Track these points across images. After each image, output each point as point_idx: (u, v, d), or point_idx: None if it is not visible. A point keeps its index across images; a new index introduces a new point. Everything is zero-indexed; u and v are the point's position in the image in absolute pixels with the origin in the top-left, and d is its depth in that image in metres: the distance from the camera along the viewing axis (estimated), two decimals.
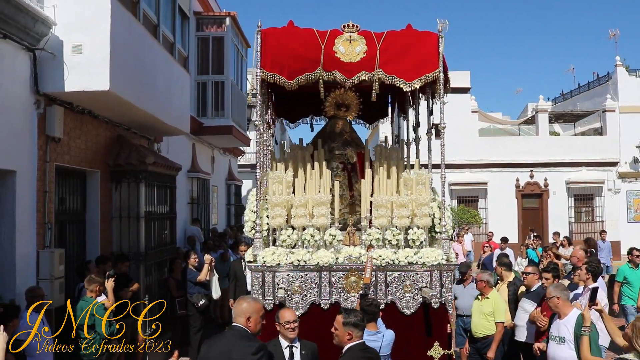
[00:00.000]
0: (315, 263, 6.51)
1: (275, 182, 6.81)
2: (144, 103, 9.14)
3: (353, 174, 8.00)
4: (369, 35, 6.71)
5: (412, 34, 6.90)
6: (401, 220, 6.69)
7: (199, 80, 14.71)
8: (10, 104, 7.03)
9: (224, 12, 15.60)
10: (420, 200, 6.74)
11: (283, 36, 6.70)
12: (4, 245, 7.11)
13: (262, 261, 6.52)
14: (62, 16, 7.60)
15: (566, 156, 25.97)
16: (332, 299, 6.56)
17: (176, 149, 13.17)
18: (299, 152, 7.79)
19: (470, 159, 25.40)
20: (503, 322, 7.69)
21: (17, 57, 7.18)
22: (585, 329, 5.46)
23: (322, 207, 6.63)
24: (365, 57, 6.63)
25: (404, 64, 6.69)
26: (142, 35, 9.29)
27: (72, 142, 8.47)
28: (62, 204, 8.53)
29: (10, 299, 6.84)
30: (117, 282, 8.08)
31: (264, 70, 6.59)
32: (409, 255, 6.59)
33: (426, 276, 6.63)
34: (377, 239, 6.71)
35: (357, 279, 6.55)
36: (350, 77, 6.66)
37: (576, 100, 31.47)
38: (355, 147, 8.25)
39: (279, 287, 6.53)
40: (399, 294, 6.62)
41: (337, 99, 8.14)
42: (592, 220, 26.50)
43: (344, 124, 8.40)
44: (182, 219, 13.34)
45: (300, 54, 6.62)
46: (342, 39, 6.65)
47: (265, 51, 6.59)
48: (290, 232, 6.68)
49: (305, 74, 6.60)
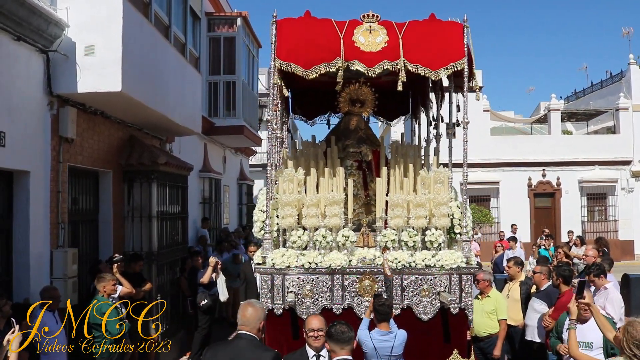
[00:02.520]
0: (327, 265, 6.22)
1: (286, 181, 6.52)
2: (155, 104, 9.19)
3: (368, 173, 7.75)
4: (389, 25, 6.40)
5: (436, 24, 6.57)
6: (418, 221, 6.38)
7: (211, 81, 14.77)
8: (24, 105, 7.11)
9: (236, 12, 15.65)
10: (439, 199, 6.41)
11: (299, 26, 6.41)
12: (18, 245, 7.18)
13: (271, 263, 6.25)
14: (75, 18, 7.66)
15: (579, 155, 25.77)
16: (345, 303, 6.27)
17: (188, 149, 13.23)
18: (312, 149, 7.53)
19: (482, 158, 25.26)
20: (506, 319, 7.58)
21: (30, 59, 7.25)
22: (571, 322, 5.43)
23: (335, 207, 6.34)
24: (387, 46, 6.26)
25: (428, 52, 6.32)
26: (153, 36, 9.35)
27: (84, 142, 8.53)
28: (75, 204, 8.60)
29: (25, 298, 6.92)
30: (131, 282, 8.14)
31: (279, 60, 6.23)
32: (427, 258, 6.29)
33: (445, 280, 6.29)
34: (392, 240, 6.39)
35: (371, 283, 6.27)
36: (371, 67, 6.24)
37: (589, 98, 31.24)
38: (370, 144, 7.99)
39: (289, 290, 6.23)
40: (415, 299, 6.30)
41: (351, 95, 7.89)
42: (605, 220, 26.31)
43: (359, 121, 8.11)
44: (193, 218, 13.40)
45: (318, 44, 6.27)
46: (362, 29, 6.33)
47: (281, 41, 6.26)
48: (301, 233, 6.38)
49: (324, 63, 6.21)
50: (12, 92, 6.87)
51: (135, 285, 8.30)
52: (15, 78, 6.94)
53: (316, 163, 6.97)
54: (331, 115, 9.06)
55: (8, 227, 7.15)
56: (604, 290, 7.18)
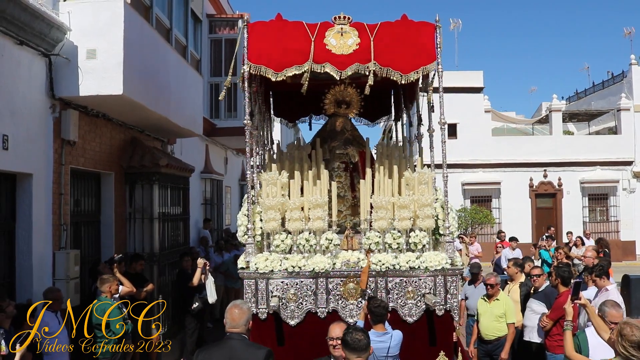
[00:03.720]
0: (310, 269, 6.16)
1: (269, 184, 6.44)
2: (157, 106, 9.27)
3: (355, 174, 7.73)
4: (361, 27, 6.35)
5: (408, 25, 6.49)
6: (402, 223, 6.31)
7: (212, 82, 14.81)
8: (26, 109, 7.19)
9: (237, 14, 15.72)
10: (423, 200, 6.33)
11: (270, 29, 6.40)
12: (20, 246, 7.26)
13: (254, 268, 6.18)
14: (77, 22, 7.74)
15: (580, 155, 25.80)
16: (329, 307, 6.22)
17: (189, 150, 13.30)
18: (296, 152, 7.47)
19: (484, 158, 25.36)
20: (514, 323, 7.66)
21: (33, 63, 7.33)
22: (567, 323, 5.47)
23: (319, 210, 6.25)
24: (358, 49, 6.24)
25: (399, 55, 6.28)
26: (155, 39, 9.42)
27: (86, 145, 8.61)
28: (77, 206, 8.68)
29: (27, 298, 6.99)
30: (133, 282, 8.19)
31: (250, 62, 6.24)
32: (411, 260, 6.22)
33: (429, 282, 6.25)
34: (376, 242, 6.30)
35: (356, 286, 6.21)
36: (342, 69, 6.24)
37: (590, 99, 31.27)
38: (357, 145, 7.96)
39: (273, 295, 6.19)
40: (400, 301, 6.25)
41: (336, 96, 7.86)
42: (606, 220, 26.32)
43: (345, 122, 8.08)
44: (195, 219, 13.47)
45: (289, 47, 6.28)
46: (333, 31, 6.30)
47: (252, 44, 6.27)
48: (284, 237, 6.28)
49: (295, 66, 6.22)
50: (15, 96, 6.95)
51: (137, 286, 8.34)
52: (18, 81, 7.02)
53: (300, 166, 6.91)
54: (312, 118, 9.03)
55: (11, 229, 7.23)
56: (605, 292, 7.22)
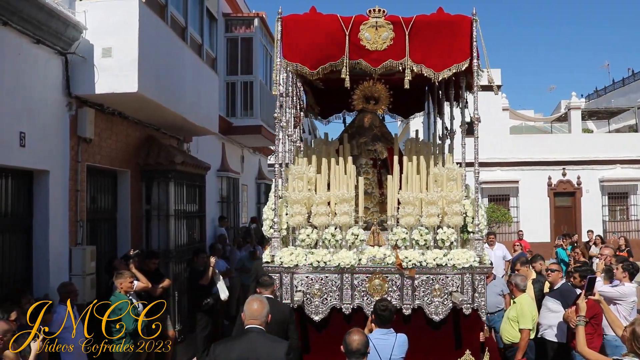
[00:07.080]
0: (336, 264, 6.13)
1: (296, 178, 6.45)
2: (172, 104, 9.32)
3: (383, 171, 7.69)
4: (396, 21, 6.26)
5: (443, 19, 6.38)
6: (430, 219, 6.27)
7: (228, 81, 14.86)
8: (43, 107, 7.27)
9: (253, 12, 15.74)
10: (451, 197, 6.27)
11: (305, 24, 6.38)
12: (38, 243, 7.35)
13: (279, 262, 6.18)
14: (93, 21, 7.81)
15: (600, 154, 25.54)
16: (354, 303, 6.15)
17: (206, 148, 13.36)
18: (324, 147, 7.46)
19: (501, 157, 25.16)
20: (528, 329, 7.30)
21: (49, 61, 7.42)
22: (580, 318, 5.43)
23: (345, 205, 6.25)
24: (392, 44, 6.21)
25: (433, 51, 6.24)
26: (170, 37, 9.48)
27: (102, 142, 8.69)
28: (93, 203, 8.76)
29: (45, 293, 7.08)
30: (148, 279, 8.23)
31: (286, 60, 6.31)
32: (438, 257, 6.16)
33: (457, 280, 6.17)
34: (403, 239, 6.26)
35: (382, 282, 6.15)
36: (376, 66, 6.25)
37: (610, 96, 30.96)
38: (385, 142, 7.92)
39: (297, 289, 6.16)
40: (427, 299, 6.17)
41: (365, 92, 7.83)
42: (627, 219, 26.02)
43: (373, 118, 8.05)
44: (211, 217, 13.53)
45: (324, 43, 6.26)
46: (368, 25, 6.23)
47: (287, 40, 6.29)
48: (309, 232, 6.31)
49: (329, 62, 6.23)
50: (32, 94, 7.03)
51: (153, 282, 8.35)
52: (35, 80, 7.10)
53: (328, 161, 6.89)
54: (345, 114, 8.98)
55: (28, 225, 7.32)
56: (620, 285, 7.21)
